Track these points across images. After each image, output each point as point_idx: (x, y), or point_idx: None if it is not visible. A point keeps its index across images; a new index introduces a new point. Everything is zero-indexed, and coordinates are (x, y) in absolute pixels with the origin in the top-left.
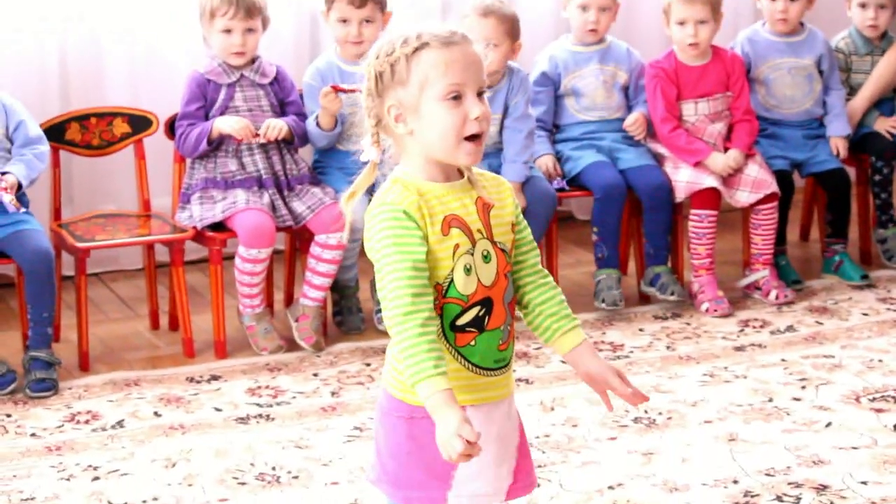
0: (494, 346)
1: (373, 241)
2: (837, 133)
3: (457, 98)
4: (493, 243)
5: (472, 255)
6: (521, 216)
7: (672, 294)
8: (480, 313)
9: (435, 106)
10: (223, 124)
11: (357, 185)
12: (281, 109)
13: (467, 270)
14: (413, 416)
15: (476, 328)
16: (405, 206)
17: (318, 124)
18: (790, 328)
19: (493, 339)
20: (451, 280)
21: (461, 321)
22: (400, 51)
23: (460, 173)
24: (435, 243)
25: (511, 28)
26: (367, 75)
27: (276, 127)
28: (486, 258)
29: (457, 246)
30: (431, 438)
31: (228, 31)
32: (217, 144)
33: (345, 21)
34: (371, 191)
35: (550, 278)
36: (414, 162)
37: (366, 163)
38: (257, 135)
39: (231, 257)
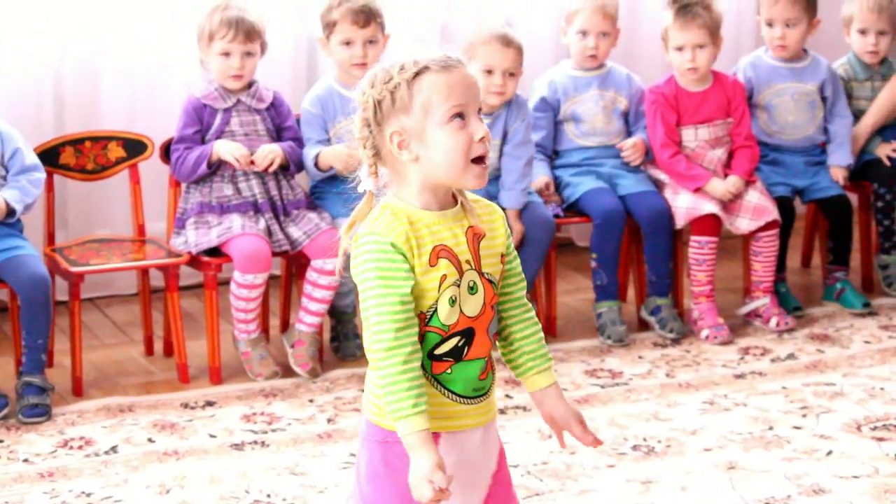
0: (474, 375)
1: (358, 269)
2: (838, 163)
3: (462, 120)
4: (481, 274)
5: (459, 286)
6: (512, 247)
7: (671, 332)
8: (459, 343)
9: (441, 130)
10: (223, 150)
11: (355, 215)
12: (277, 135)
13: (451, 302)
14: (387, 440)
15: (453, 358)
16: (393, 237)
17: (316, 164)
18: (791, 356)
19: (471, 368)
20: (435, 310)
21: (439, 350)
22: (399, 77)
23: (454, 200)
24: (421, 274)
25: (523, 58)
26: (362, 105)
27: (269, 156)
28: (473, 290)
29: (444, 277)
30: (405, 464)
31: (227, 53)
32: (214, 169)
33: (348, 43)
34: None
35: (533, 313)
36: (411, 189)
37: (363, 193)
38: (253, 162)
39: (226, 282)
